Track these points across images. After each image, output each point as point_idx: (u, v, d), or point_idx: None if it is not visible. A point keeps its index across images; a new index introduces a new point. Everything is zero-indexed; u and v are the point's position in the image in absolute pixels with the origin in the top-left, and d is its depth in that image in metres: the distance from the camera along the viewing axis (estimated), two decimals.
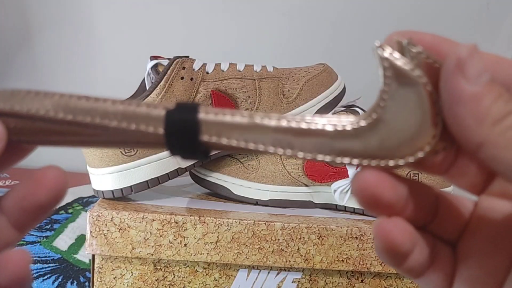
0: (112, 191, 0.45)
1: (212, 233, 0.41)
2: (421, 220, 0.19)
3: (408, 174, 0.47)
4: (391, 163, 0.17)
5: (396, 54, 0.17)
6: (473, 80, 0.16)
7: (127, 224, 0.41)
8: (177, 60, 0.46)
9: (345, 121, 0.17)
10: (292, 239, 0.42)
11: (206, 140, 0.17)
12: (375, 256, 0.42)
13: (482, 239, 0.19)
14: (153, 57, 0.48)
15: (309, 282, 0.44)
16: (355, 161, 0.17)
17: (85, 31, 0.86)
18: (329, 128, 0.17)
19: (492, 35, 0.87)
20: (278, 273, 0.44)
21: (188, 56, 0.47)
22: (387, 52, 0.17)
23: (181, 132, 0.17)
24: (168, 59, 0.47)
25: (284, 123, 0.17)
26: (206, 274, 0.43)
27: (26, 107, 0.17)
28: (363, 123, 0.17)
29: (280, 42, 0.87)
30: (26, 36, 0.86)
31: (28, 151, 0.21)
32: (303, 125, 0.17)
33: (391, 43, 0.17)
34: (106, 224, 0.40)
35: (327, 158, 0.17)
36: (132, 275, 0.42)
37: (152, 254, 0.41)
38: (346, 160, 0.17)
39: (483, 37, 0.88)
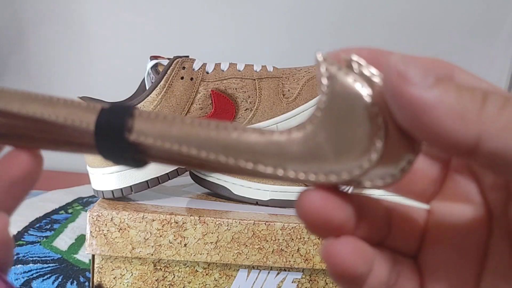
0: (112, 191, 0.45)
1: (212, 233, 0.41)
2: (376, 236, 0.18)
3: None
4: (322, 178, 0.16)
5: (336, 66, 0.16)
6: (421, 83, 0.14)
7: (127, 224, 0.41)
8: (177, 60, 0.46)
9: (277, 133, 0.16)
10: (292, 239, 0.42)
11: (133, 140, 0.17)
12: None
13: (445, 248, 0.18)
14: (153, 57, 0.48)
15: (309, 282, 0.44)
16: (280, 172, 0.16)
17: (83, 30, 0.86)
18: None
19: (492, 35, 0.87)
20: (278, 273, 0.44)
21: (188, 56, 0.47)
22: (329, 63, 0.16)
23: (108, 130, 0.17)
24: (168, 59, 0.47)
25: (213, 130, 0.16)
26: (206, 274, 0.43)
27: None
28: (295, 134, 0.16)
29: (280, 42, 0.87)
30: (19, 35, 0.86)
31: None
32: (234, 135, 0.16)
33: (336, 59, 0.16)
34: (106, 224, 0.40)
35: (262, 169, 0.16)
36: (132, 275, 0.42)
37: (152, 254, 0.41)
38: (279, 172, 0.16)
39: (482, 37, 0.88)
